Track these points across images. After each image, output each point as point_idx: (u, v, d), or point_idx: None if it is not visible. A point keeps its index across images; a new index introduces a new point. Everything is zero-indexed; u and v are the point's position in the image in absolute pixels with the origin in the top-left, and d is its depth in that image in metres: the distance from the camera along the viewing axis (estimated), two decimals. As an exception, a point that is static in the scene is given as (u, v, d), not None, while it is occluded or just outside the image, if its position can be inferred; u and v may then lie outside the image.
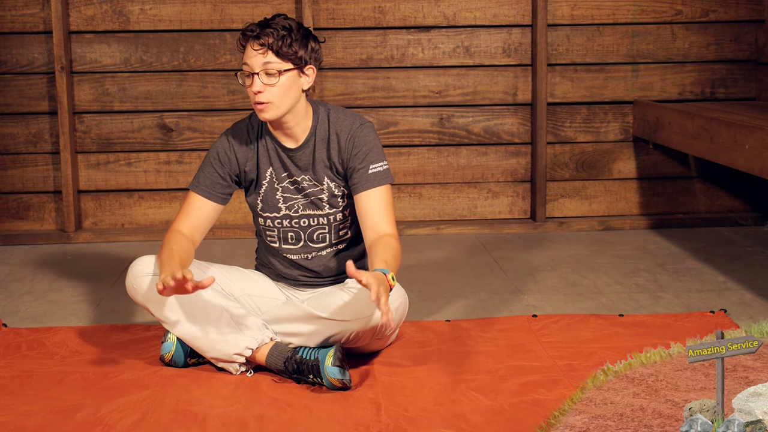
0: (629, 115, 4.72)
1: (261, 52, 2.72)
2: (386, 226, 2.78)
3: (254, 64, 2.73)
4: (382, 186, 2.82)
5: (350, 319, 2.69)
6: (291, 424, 2.43)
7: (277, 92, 2.73)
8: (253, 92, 2.73)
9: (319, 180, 2.87)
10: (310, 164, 2.86)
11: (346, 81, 4.61)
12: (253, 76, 2.73)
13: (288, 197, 2.88)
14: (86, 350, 3.01)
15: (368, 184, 2.81)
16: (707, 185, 4.77)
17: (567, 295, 3.57)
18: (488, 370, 2.78)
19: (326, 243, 2.93)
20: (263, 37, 2.72)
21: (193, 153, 4.64)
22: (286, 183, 2.88)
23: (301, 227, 2.90)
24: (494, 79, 4.67)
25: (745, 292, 3.55)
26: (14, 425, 2.43)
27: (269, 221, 2.92)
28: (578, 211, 4.76)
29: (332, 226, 2.91)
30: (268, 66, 2.72)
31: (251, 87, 2.74)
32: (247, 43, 2.75)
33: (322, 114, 2.87)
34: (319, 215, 2.89)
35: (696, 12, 4.67)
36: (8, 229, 4.64)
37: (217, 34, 4.58)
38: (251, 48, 2.74)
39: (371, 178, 2.81)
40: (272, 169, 2.88)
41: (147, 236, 4.57)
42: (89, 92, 4.58)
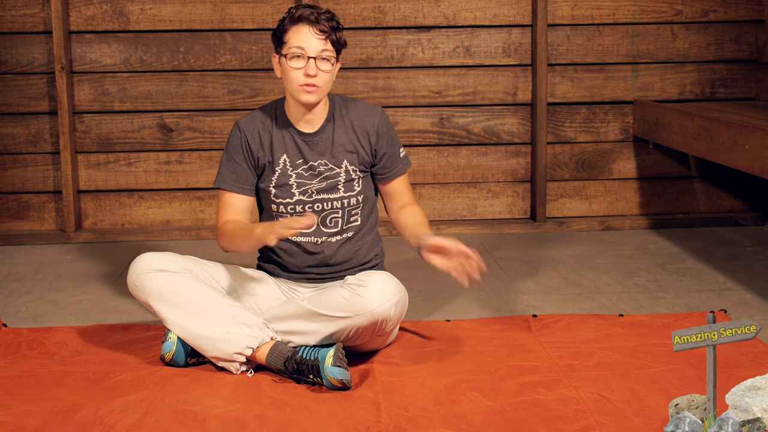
0: (629, 115, 4.72)
1: (321, 38, 2.81)
2: (411, 199, 3.03)
3: (310, 48, 2.80)
4: (407, 170, 3.04)
5: (350, 316, 2.70)
6: (291, 424, 2.43)
7: (327, 78, 2.84)
8: (305, 74, 2.80)
9: (338, 163, 2.91)
10: (328, 148, 2.90)
11: (346, 81, 4.61)
12: (309, 60, 2.80)
13: (302, 182, 2.90)
14: (86, 350, 3.01)
15: (399, 171, 3.00)
16: (707, 185, 4.77)
17: (567, 295, 3.57)
18: (488, 370, 2.78)
19: (338, 228, 2.94)
20: (322, 23, 2.81)
21: (193, 153, 4.64)
22: (301, 169, 2.91)
23: (315, 212, 2.91)
24: (494, 79, 4.67)
25: (745, 292, 3.55)
26: (14, 425, 2.43)
27: (282, 207, 2.92)
28: (578, 211, 4.76)
29: (345, 211, 2.93)
30: (324, 53, 2.81)
31: (305, 68, 2.80)
32: (300, 25, 2.81)
33: (338, 101, 2.96)
34: (334, 199, 2.91)
35: (696, 12, 4.67)
36: (8, 229, 4.64)
37: (217, 34, 4.58)
38: (310, 32, 2.80)
39: (402, 163, 3.01)
40: (286, 156, 2.91)
41: (147, 236, 4.57)
42: (89, 92, 4.58)
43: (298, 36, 2.81)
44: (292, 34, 2.82)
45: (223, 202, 2.95)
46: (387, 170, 2.98)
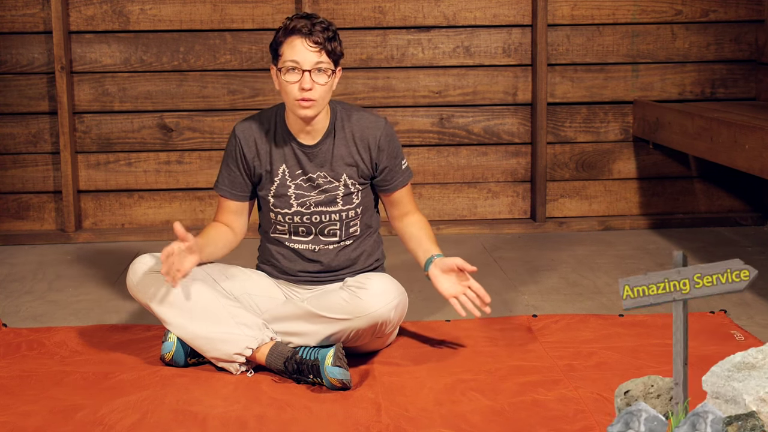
0: (629, 115, 4.72)
1: (315, 50, 2.74)
2: (413, 208, 3.03)
3: (305, 60, 2.74)
4: (409, 180, 3.01)
5: (350, 318, 2.70)
6: (291, 424, 2.43)
7: (323, 91, 2.77)
8: (300, 88, 2.74)
9: (337, 176, 2.88)
10: (328, 160, 2.87)
11: (346, 81, 4.61)
12: (303, 73, 2.74)
13: (300, 194, 2.88)
14: (86, 350, 3.01)
15: (400, 183, 2.97)
16: (707, 185, 4.77)
17: (567, 295, 3.57)
18: (488, 370, 2.78)
19: (336, 238, 2.93)
20: (316, 34, 2.74)
21: (193, 153, 4.64)
22: (300, 180, 2.89)
23: (313, 223, 2.90)
24: (494, 79, 4.67)
25: (745, 292, 3.55)
26: (14, 425, 2.43)
27: (280, 216, 2.92)
28: (578, 211, 4.76)
29: (343, 223, 2.92)
30: (320, 65, 2.75)
31: (299, 83, 2.74)
32: (294, 38, 2.75)
33: (340, 112, 2.90)
34: (332, 212, 2.90)
35: (696, 12, 4.67)
36: (8, 229, 4.64)
37: (217, 34, 4.58)
38: (303, 45, 2.74)
39: (404, 175, 2.98)
40: (285, 167, 2.88)
41: (147, 236, 4.57)
42: (89, 92, 4.58)
43: (292, 49, 2.75)
44: (287, 47, 2.76)
45: (220, 205, 3.00)
46: (388, 183, 2.96)
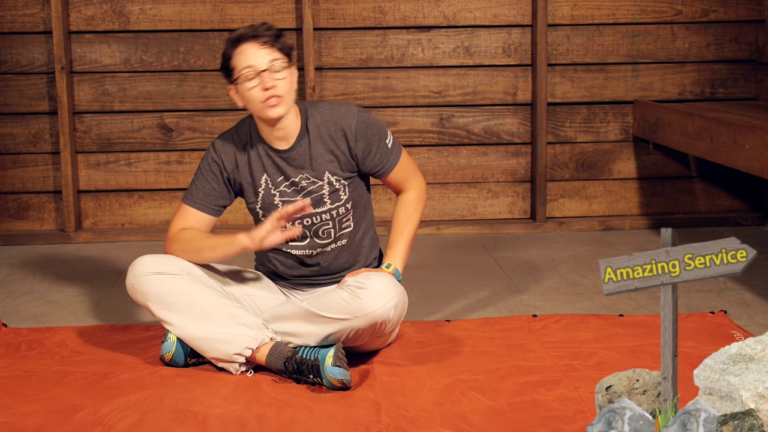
0: (629, 115, 4.72)
1: (266, 49, 2.76)
2: (409, 184, 3.01)
3: (259, 62, 2.75)
4: (401, 155, 2.96)
5: (350, 317, 2.70)
6: (291, 424, 2.43)
7: (286, 85, 2.78)
8: (264, 88, 2.74)
9: (319, 175, 2.87)
10: (307, 161, 2.86)
11: (346, 81, 4.61)
12: (261, 73, 2.75)
13: (287, 201, 2.88)
14: (86, 350, 3.01)
15: (392, 162, 2.94)
16: (707, 185, 4.77)
17: (567, 295, 3.57)
18: (488, 370, 2.78)
19: (331, 238, 2.93)
20: (262, 34, 2.76)
21: (193, 153, 4.64)
22: (283, 187, 2.88)
23: (305, 226, 2.90)
24: (494, 79, 4.67)
25: (745, 293, 3.55)
26: (14, 425, 2.43)
27: None
28: (578, 211, 4.76)
29: (335, 221, 2.92)
30: (275, 62, 2.76)
31: (262, 84, 2.74)
32: (242, 45, 2.77)
33: (309, 110, 2.89)
34: (322, 212, 2.90)
35: (696, 12, 4.67)
36: (8, 229, 4.64)
37: (217, 34, 4.58)
38: (252, 49, 2.75)
39: (393, 153, 2.94)
40: (266, 176, 2.88)
41: (147, 236, 4.57)
42: (89, 92, 4.58)
43: (244, 56, 2.76)
44: (237, 57, 2.77)
45: (182, 215, 2.93)
46: (379, 166, 2.93)
